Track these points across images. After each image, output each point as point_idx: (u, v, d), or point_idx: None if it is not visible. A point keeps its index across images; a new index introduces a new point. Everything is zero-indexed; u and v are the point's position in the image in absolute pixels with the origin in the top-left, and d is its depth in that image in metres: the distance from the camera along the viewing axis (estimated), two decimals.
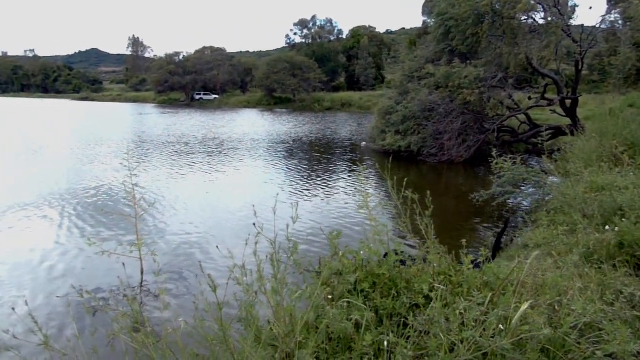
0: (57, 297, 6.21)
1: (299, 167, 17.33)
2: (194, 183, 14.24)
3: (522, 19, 17.80)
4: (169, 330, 2.46)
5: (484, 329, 2.15)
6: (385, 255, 3.39)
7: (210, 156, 19.81)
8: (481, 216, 10.35)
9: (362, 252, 3.49)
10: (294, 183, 14.30)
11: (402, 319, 2.84)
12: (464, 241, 3.27)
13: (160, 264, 6.97)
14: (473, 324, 2.18)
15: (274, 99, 67.88)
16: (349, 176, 15.44)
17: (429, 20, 39.31)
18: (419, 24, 52.62)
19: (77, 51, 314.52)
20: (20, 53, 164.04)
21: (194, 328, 2.38)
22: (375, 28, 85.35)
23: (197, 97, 76.71)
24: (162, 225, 9.66)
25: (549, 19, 17.45)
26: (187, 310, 5.44)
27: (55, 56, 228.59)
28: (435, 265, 3.16)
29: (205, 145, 23.48)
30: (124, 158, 17.87)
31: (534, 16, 17.93)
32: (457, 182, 15.31)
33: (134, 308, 2.28)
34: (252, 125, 37.19)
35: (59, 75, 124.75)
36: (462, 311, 2.28)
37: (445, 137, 18.14)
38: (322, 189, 13.49)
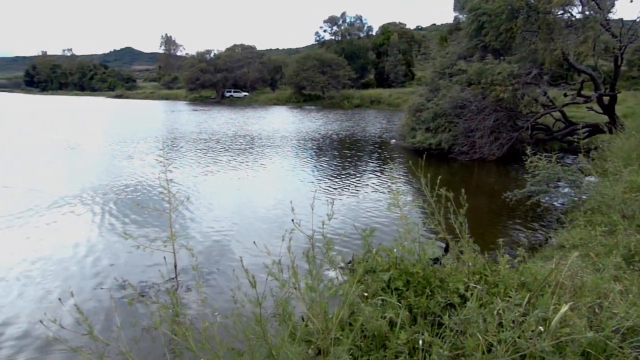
0: (102, 289, 6.41)
1: (329, 165, 17.36)
2: (226, 179, 14.43)
3: (558, 13, 17.32)
4: (205, 324, 2.51)
5: (522, 331, 2.12)
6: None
7: (242, 153, 20.03)
8: (514, 215, 10.16)
9: (395, 250, 3.48)
10: (324, 180, 14.34)
11: (437, 318, 2.82)
12: (501, 240, 3.22)
13: (195, 259, 7.10)
14: (511, 324, 2.15)
15: (303, 96, 68.06)
16: (380, 174, 15.38)
17: (460, 16, 38.68)
18: (450, 20, 51.82)
19: (112, 50, 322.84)
20: (59, 52, 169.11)
21: (233, 322, 2.42)
22: (405, 24, 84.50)
23: (228, 94, 77.59)
24: (196, 221, 9.83)
25: (587, 13, 16.94)
26: (222, 304, 5.54)
27: (92, 55, 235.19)
28: (470, 264, 3.12)
29: (236, 142, 23.74)
30: (158, 154, 18.28)
31: (570, 10, 17.43)
32: (489, 181, 15.05)
33: (173, 301, 2.34)
34: (282, 122, 37.39)
35: (95, 73, 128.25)
36: (501, 312, 2.26)
37: (477, 135, 17.85)
38: (353, 186, 13.47)
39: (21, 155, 18.92)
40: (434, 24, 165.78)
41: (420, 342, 2.44)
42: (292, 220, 2.63)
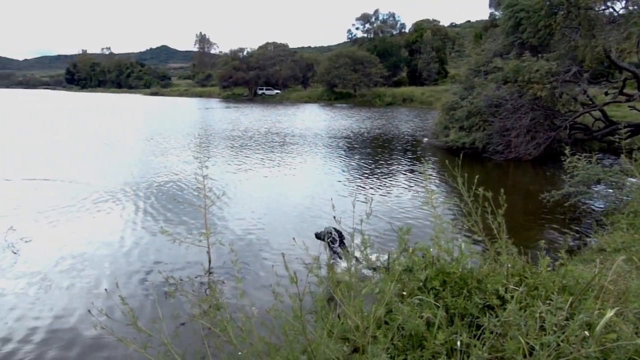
0: (146, 281, 6.58)
1: (362, 163, 17.34)
2: (260, 176, 14.57)
3: (600, 8, 16.78)
4: (244, 318, 2.57)
5: (566, 335, 2.08)
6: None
7: (275, 150, 20.20)
8: (551, 217, 9.91)
9: (431, 249, 3.46)
10: (358, 178, 14.33)
11: (474, 320, 2.79)
12: (542, 242, 3.16)
13: (235, 254, 7.19)
14: (554, 328, 2.11)
15: (335, 94, 68.06)
16: (413, 172, 15.26)
17: (496, 13, 37.92)
18: (486, 17, 50.78)
19: (148, 48, 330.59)
20: (98, 51, 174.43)
21: (271, 317, 2.46)
22: (439, 21, 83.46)
23: (260, 92, 78.41)
24: (232, 216, 9.95)
25: (630, 8, 16.35)
26: (258, 299, 5.61)
27: (129, 53, 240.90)
28: (509, 265, 3.07)
29: (269, 139, 23.95)
30: (194, 151, 18.75)
31: (613, 6, 16.86)
32: (524, 181, 14.74)
33: (214, 294, 2.40)
34: (314, 120, 37.53)
35: (132, 71, 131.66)
36: (543, 315, 2.22)
37: (512, 134, 17.47)
38: (386, 184, 13.41)
39: (64, 151, 19.66)
40: (469, 21, 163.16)
41: (458, 343, 2.42)
42: (334, 217, 2.65)
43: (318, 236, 6.62)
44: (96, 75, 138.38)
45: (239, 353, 2.56)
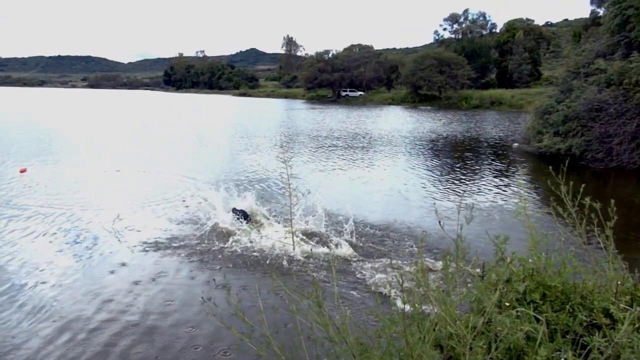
0: (253, 274, 6.83)
1: (449, 166, 16.91)
2: (346, 176, 14.60)
3: None
4: (337, 317, 2.63)
5: None
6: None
7: (361, 151, 20.24)
8: None
9: (530, 260, 3.32)
10: (446, 182, 13.97)
11: (578, 338, 2.65)
12: None
13: (333, 253, 7.27)
14: None
15: (419, 97, 66.90)
16: (502, 178, 14.62)
17: (599, 10, 35.35)
18: (586, 15, 47.47)
19: (238, 51, 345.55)
20: (193, 54, 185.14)
21: (377, 319, 2.50)
22: (533, 20, 79.24)
23: (344, 93, 78.95)
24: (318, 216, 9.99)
25: None
26: (345, 298, 5.68)
27: (220, 56, 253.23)
28: (618, 282, 2.88)
29: (355, 141, 24.07)
30: (283, 149, 19.36)
31: None
32: (627, 192, 13.62)
33: (317, 293, 2.48)
34: (399, 122, 37.17)
35: (223, 73, 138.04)
36: None
37: (615, 141, 16.21)
38: (476, 189, 12.97)
39: (167, 146, 21.37)
40: (566, 19, 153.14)
41: None
42: (439, 222, 2.64)
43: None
44: (190, 77, 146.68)
45: (331, 351, 2.63)
